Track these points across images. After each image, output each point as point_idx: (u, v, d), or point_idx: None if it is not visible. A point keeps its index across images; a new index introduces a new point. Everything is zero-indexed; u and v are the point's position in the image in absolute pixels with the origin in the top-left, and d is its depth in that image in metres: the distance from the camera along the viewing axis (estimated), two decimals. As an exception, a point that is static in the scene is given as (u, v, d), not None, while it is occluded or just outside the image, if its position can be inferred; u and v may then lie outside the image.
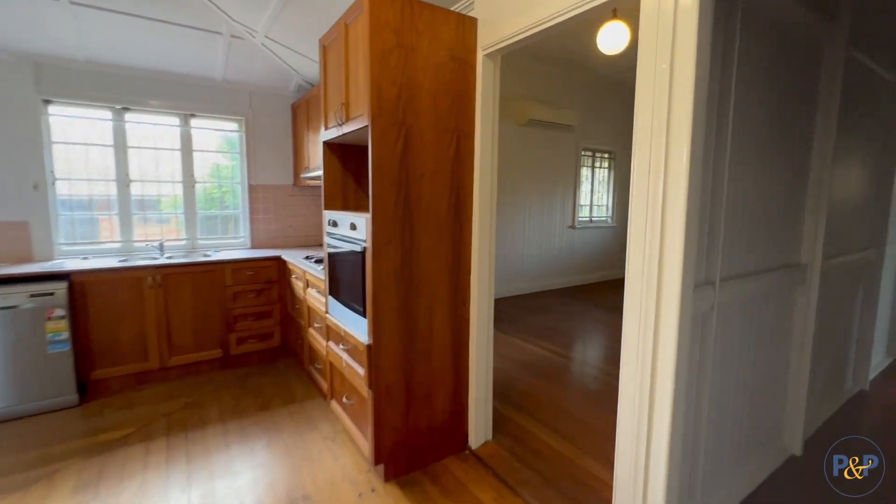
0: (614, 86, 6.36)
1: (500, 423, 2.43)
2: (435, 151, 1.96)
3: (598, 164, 6.68)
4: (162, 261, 3.09)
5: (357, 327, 2.04)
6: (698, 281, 1.48)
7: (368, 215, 1.83)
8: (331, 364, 2.41)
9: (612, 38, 2.77)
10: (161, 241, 3.38)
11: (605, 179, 6.85)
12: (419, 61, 1.86)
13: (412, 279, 1.96)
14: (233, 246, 3.80)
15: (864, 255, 2.68)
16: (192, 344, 3.14)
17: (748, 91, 1.60)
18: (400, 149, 1.85)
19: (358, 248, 1.93)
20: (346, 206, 2.45)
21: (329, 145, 2.36)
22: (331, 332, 2.38)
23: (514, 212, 5.56)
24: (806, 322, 2.12)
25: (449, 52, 1.94)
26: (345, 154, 2.43)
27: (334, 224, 2.25)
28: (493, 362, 2.25)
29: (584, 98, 6.05)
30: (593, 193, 6.70)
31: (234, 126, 3.74)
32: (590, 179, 6.61)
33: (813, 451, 2.21)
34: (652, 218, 1.30)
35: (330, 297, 2.39)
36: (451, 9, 2.00)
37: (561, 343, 3.91)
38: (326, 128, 2.28)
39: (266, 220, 3.88)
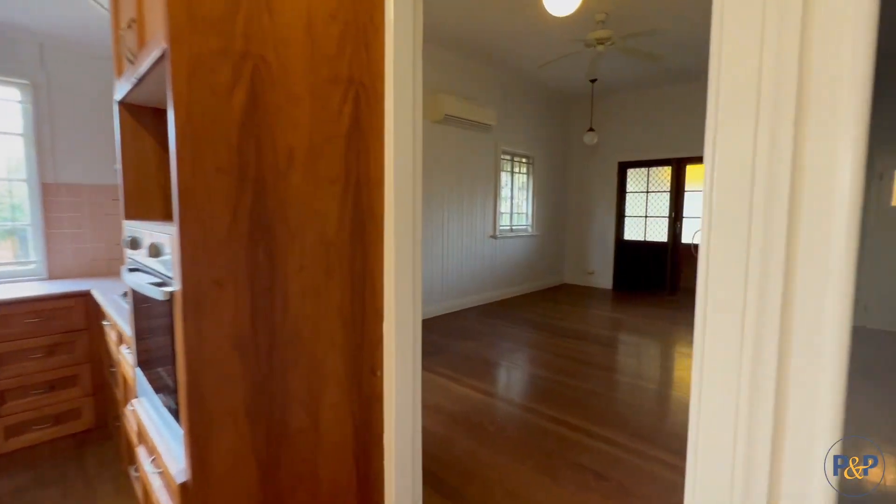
0: (532, 86, 6.01)
1: (433, 535, 1.63)
2: (314, 116, 1.11)
3: (517, 170, 6.28)
4: None
5: (170, 436, 1.09)
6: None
7: (174, 229, 0.92)
8: (144, 487, 1.40)
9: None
10: None
11: (525, 185, 6.48)
12: (276, -59, 1.01)
13: (274, 345, 1.07)
14: (17, 275, 2.49)
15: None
16: None
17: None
18: (241, 103, 0.97)
19: (159, 296, 0.99)
20: (167, 216, 1.46)
21: (128, 108, 1.37)
22: (141, 431, 1.37)
23: (432, 220, 4.84)
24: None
25: (334, -58, 1.11)
26: (163, 125, 1.45)
27: (134, 244, 1.27)
28: (421, 442, 1.44)
29: (502, 97, 5.58)
30: (513, 200, 6.28)
31: (13, 93, 2.46)
32: (509, 185, 6.17)
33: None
34: (766, 238, 0.62)
35: (138, 370, 1.39)
36: None
37: (495, 380, 3.24)
38: (119, 76, 1.30)
39: (75, 236, 2.63)
